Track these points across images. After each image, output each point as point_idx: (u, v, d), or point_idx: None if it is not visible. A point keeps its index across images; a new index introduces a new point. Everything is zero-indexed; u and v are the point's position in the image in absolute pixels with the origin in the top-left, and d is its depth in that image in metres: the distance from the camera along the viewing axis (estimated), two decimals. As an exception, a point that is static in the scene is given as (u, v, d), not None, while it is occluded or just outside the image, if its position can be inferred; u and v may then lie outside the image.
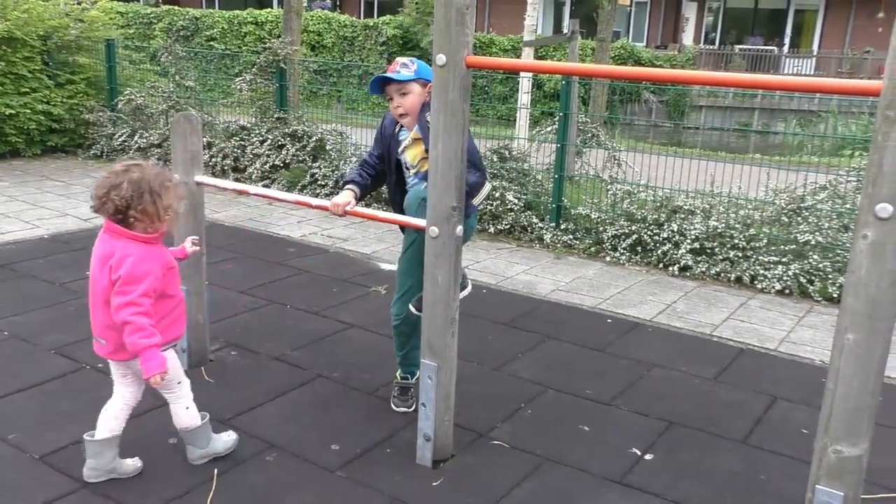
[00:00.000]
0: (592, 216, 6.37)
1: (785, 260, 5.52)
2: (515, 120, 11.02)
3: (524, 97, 10.94)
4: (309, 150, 7.96)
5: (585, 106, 13.19)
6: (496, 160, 6.96)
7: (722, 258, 5.71)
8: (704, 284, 5.60)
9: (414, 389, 3.44)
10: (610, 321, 4.77)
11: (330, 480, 2.90)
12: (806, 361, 4.29)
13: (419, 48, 21.66)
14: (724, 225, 5.81)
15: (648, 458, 3.16)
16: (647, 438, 3.31)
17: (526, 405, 3.58)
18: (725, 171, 6.12)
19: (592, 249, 6.25)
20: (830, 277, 5.33)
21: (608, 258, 6.11)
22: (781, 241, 5.68)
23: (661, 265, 5.92)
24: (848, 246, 5.14)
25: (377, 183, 3.40)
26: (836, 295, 5.17)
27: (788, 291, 5.40)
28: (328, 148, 8.02)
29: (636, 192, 6.41)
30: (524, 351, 4.21)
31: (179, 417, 2.87)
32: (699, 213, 6.02)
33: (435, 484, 2.90)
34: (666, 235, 5.93)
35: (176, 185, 2.74)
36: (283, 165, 8.02)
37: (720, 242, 5.76)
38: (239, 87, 8.58)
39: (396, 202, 3.29)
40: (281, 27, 11.81)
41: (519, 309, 4.88)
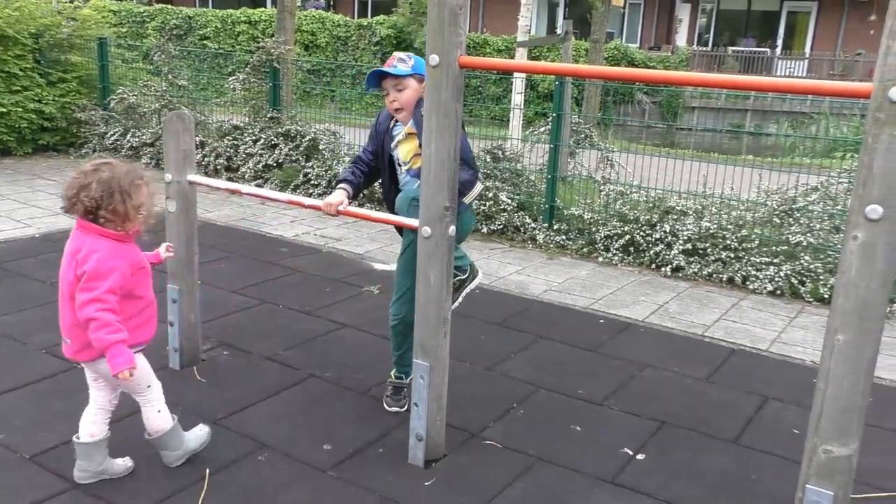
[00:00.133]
0: (585, 217, 6.38)
1: (776, 261, 5.54)
2: (509, 120, 11.04)
3: (518, 98, 10.97)
4: (302, 149, 7.96)
5: (579, 107, 13.21)
6: (489, 160, 6.97)
7: (714, 259, 5.73)
8: (696, 285, 5.62)
9: (407, 389, 3.43)
10: (602, 321, 4.78)
11: (322, 480, 2.90)
12: (797, 362, 4.31)
13: (413, 48, 21.64)
14: (716, 226, 5.83)
15: (640, 458, 3.17)
16: (638, 438, 3.32)
17: (518, 405, 3.58)
18: (718, 172, 6.13)
19: (585, 250, 6.26)
20: (822, 278, 5.36)
21: (601, 259, 6.12)
22: (773, 242, 5.70)
23: (653, 266, 5.94)
24: (839, 247, 5.16)
25: (370, 180, 3.41)
26: (827, 296, 5.19)
27: (780, 292, 5.42)
28: (321, 148, 8.02)
29: (629, 192, 6.42)
30: (516, 351, 4.22)
31: (151, 421, 2.80)
32: (692, 213, 6.04)
33: (427, 484, 2.90)
34: (658, 236, 5.94)
35: (147, 182, 2.65)
36: (276, 165, 8.01)
37: (712, 243, 5.78)
38: (232, 86, 8.57)
39: (390, 201, 3.29)
40: (274, 26, 11.80)
41: (511, 309, 4.88)
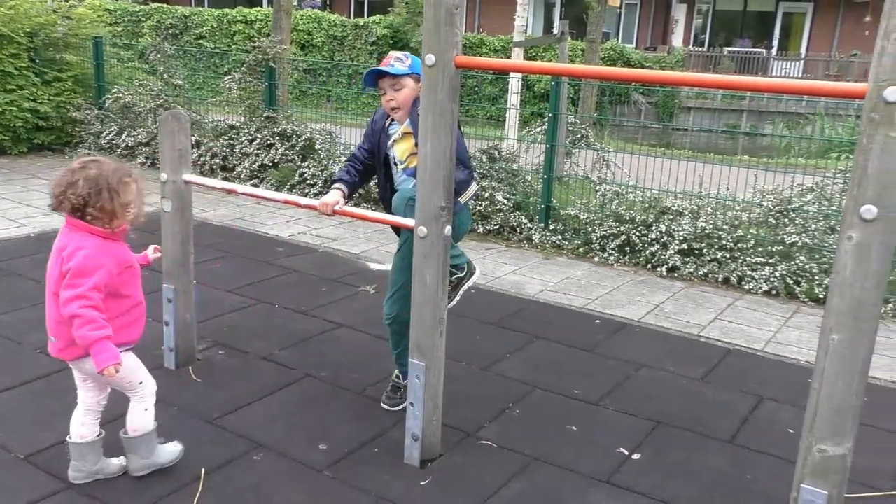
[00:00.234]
0: (581, 217, 6.39)
1: (772, 261, 5.55)
2: (505, 120, 11.04)
3: (514, 98, 10.97)
4: (298, 149, 7.95)
5: (575, 107, 13.22)
6: (486, 160, 6.97)
7: (710, 259, 5.74)
8: (692, 285, 5.63)
9: (404, 389, 3.43)
10: (598, 321, 4.79)
11: (317, 480, 2.90)
12: (792, 362, 4.32)
13: (409, 48, 21.65)
14: (711, 226, 5.84)
15: (636, 457, 3.17)
16: (634, 438, 3.32)
17: (514, 405, 3.58)
18: (714, 172, 6.14)
19: (581, 250, 6.27)
20: (817, 278, 5.37)
21: (597, 259, 6.12)
22: (769, 242, 5.71)
23: (649, 266, 5.95)
24: (834, 247, 5.17)
25: (366, 179, 3.41)
26: (822, 296, 5.20)
27: (775, 292, 5.44)
28: (317, 147, 8.01)
29: (625, 192, 6.43)
30: (512, 351, 4.22)
31: (135, 418, 2.73)
32: (687, 214, 6.05)
33: (423, 483, 2.90)
34: (654, 236, 5.95)
35: (136, 179, 2.61)
36: (271, 165, 8.00)
37: (708, 243, 5.79)
38: (228, 85, 8.55)
39: (386, 200, 3.29)
40: (270, 26, 11.77)
41: (507, 309, 4.88)
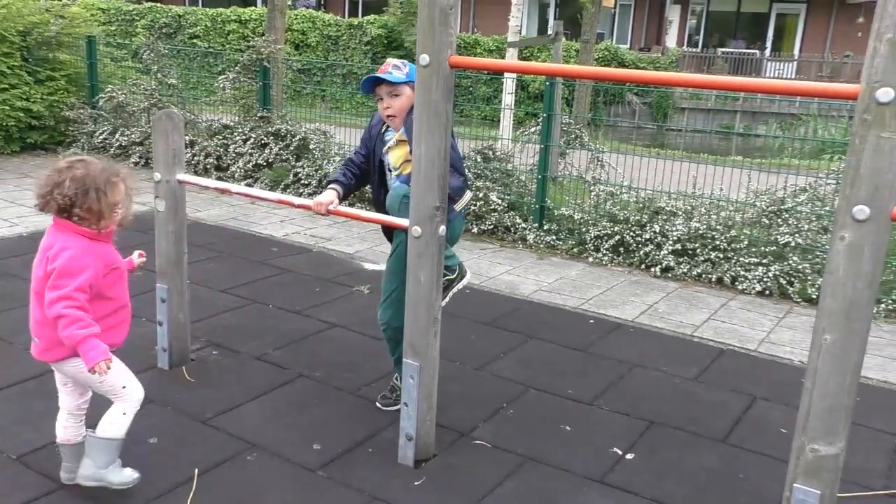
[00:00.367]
0: (575, 217, 6.39)
1: (765, 261, 5.57)
2: (499, 120, 11.06)
3: (508, 98, 10.99)
4: (292, 149, 7.94)
5: (569, 107, 13.24)
6: (480, 160, 6.97)
7: (703, 259, 5.75)
8: (686, 285, 5.64)
9: (400, 391, 3.42)
10: (592, 321, 4.79)
11: (311, 480, 2.89)
12: (785, 362, 4.33)
13: (403, 48, 21.65)
14: (705, 226, 5.85)
15: (629, 457, 3.18)
16: (628, 438, 3.33)
17: (508, 405, 3.59)
18: (707, 172, 6.16)
19: (575, 250, 6.28)
20: (810, 279, 5.39)
21: (591, 259, 6.13)
22: (762, 242, 5.73)
23: (643, 266, 5.96)
24: (827, 247, 5.20)
25: (361, 183, 3.40)
26: (815, 296, 5.21)
27: (768, 293, 5.45)
28: (311, 147, 8.00)
29: (619, 193, 6.44)
30: (506, 351, 4.22)
31: (109, 419, 2.61)
32: (681, 214, 6.06)
33: (417, 483, 2.90)
34: (648, 236, 5.96)
35: (124, 179, 2.55)
36: (266, 164, 7.98)
37: (702, 244, 5.81)
38: (222, 85, 8.54)
39: (380, 203, 3.28)
40: (265, 25, 11.76)
41: (501, 309, 4.89)
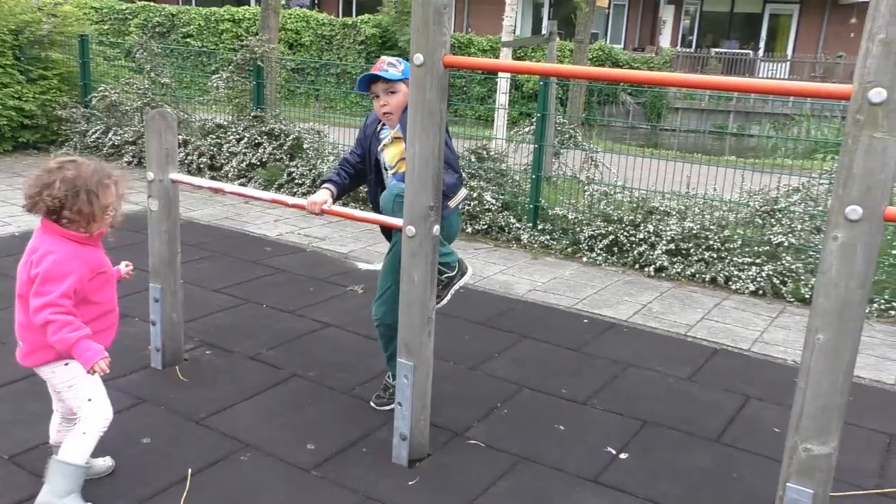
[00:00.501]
0: (569, 217, 6.40)
1: (758, 261, 5.59)
2: (493, 120, 11.06)
3: (502, 98, 10.99)
4: (286, 148, 7.92)
5: (563, 107, 13.25)
6: (474, 160, 6.97)
7: (697, 259, 5.76)
8: (680, 285, 5.65)
9: (394, 390, 3.42)
10: (586, 321, 4.80)
11: (305, 480, 2.89)
12: (778, 361, 4.34)
13: (397, 47, 21.64)
14: (699, 226, 5.87)
15: (623, 457, 3.18)
16: (621, 437, 3.33)
17: (502, 405, 3.59)
18: (701, 172, 6.17)
19: (569, 250, 6.28)
20: (803, 278, 5.41)
21: (585, 258, 6.14)
22: (755, 242, 5.75)
23: (637, 266, 5.97)
24: (820, 247, 5.21)
25: (356, 182, 3.39)
26: (808, 296, 5.23)
27: (762, 292, 5.47)
28: (305, 146, 7.99)
29: (613, 193, 6.45)
30: (500, 350, 4.22)
31: (71, 440, 2.53)
32: (675, 214, 6.07)
33: (411, 483, 2.90)
34: (642, 236, 5.97)
35: (116, 181, 2.50)
36: (259, 164, 7.97)
37: (695, 244, 5.82)
38: (215, 84, 8.51)
39: (376, 203, 3.28)
40: (258, 25, 11.73)
41: (496, 309, 4.89)
